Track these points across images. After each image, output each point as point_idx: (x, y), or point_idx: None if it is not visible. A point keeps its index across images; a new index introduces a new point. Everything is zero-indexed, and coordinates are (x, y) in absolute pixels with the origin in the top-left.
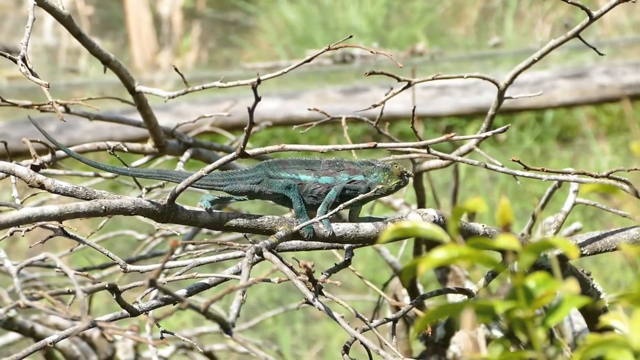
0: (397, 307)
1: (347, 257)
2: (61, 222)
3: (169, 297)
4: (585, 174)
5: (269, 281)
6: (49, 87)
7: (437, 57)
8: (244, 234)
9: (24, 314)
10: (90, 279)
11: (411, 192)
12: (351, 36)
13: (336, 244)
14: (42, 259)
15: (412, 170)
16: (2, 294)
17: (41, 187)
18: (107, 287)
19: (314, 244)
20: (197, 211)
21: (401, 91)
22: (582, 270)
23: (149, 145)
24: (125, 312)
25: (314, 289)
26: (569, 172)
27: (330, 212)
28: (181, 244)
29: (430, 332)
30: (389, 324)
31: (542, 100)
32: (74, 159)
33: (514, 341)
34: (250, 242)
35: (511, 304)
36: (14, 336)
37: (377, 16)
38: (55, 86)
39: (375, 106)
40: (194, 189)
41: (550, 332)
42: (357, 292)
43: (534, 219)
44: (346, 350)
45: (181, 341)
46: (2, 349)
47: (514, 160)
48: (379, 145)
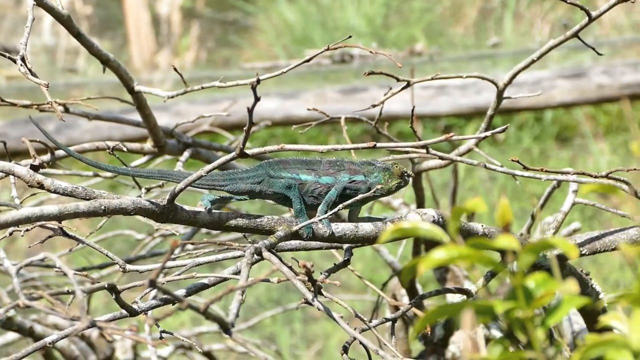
0: (396, 307)
1: (346, 257)
2: (60, 222)
3: (168, 297)
4: (584, 174)
5: (269, 281)
6: (48, 87)
7: (435, 57)
8: (243, 233)
9: (22, 314)
10: (89, 278)
11: (410, 192)
12: (350, 36)
13: (335, 244)
14: (42, 259)
15: (411, 170)
16: (1, 294)
17: (40, 187)
18: (106, 287)
19: (313, 244)
20: (196, 211)
21: (400, 91)
22: (581, 270)
23: (148, 145)
24: (124, 312)
25: (313, 289)
26: (568, 172)
27: (329, 212)
28: (180, 244)
29: (429, 332)
30: (388, 323)
31: (540, 100)
32: (74, 159)
33: (513, 341)
34: (249, 242)
35: (511, 304)
36: (13, 336)
37: (375, 16)
38: (53, 86)
39: (374, 106)
40: (193, 189)
41: (549, 332)
42: (356, 291)
43: (533, 218)
44: (345, 350)
45: (180, 341)
46: (1, 348)
47: (513, 160)
48: (379, 145)
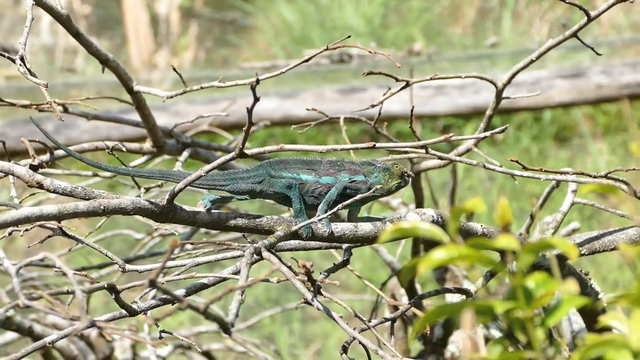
0: (395, 307)
1: (345, 257)
2: (60, 222)
3: (167, 297)
4: (583, 174)
5: (268, 281)
6: (47, 87)
7: (434, 56)
8: (243, 233)
9: (21, 314)
10: (88, 278)
11: (409, 191)
12: (349, 36)
13: (334, 244)
14: (41, 259)
15: (411, 170)
16: (1, 294)
17: (40, 186)
18: (106, 287)
19: (313, 243)
20: (196, 211)
21: (399, 91)
22: (580, 270)
23: (147, 145)
24: (124, 312)
25: (312, 289)
26: (567, 172)
27: (329, 212)
28: (180, 244)
29: (428, 332)
30: (387, 323)
31: (539, 99)
32: (75, 159)
33: (513, 341)
34: (248, 242)
35: (511, 304)
36: (12, 335)
37: (374, 16)
38: (52, 85)
39: (373, 106)
40: (193, 189)
41: (549, 332)
42: (355, 291)
43: (532, 218)
44: (345, 349)
45: (179, 340)
46: (0, 348)
47: (512, 160)
48: (378, 145)
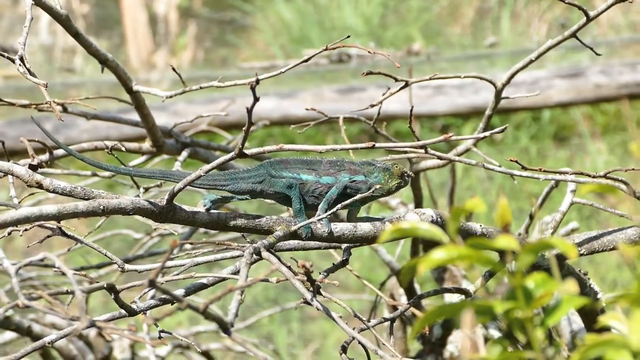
0: (394, 307)
1: (344, 257)
2: (59, 222)
3: (167, 297)
4: (582, 174)
5: (268, 281)
6: (46, 86)
7: (433, 56)
8: (242, 233)
9: (20, 313)
10: (87, 278)
11: (408, 191)
12: (348, 36)
13: (334, 244)
14: (41, 259)
15: (410, 170)
16: (0, 294)
17: (39, 186)
18: (105, 286)
19: (312, 243)
20: (195, 211)
21: (398, 91)
22: (579, 269)
23: (147, 144)
24: (123, 311)
25: (312, 289)
26: (567, 172)
27: (328, 212)
28: (179, 244)
29: (427, 332)
30: (386, 323)
31: (538, 99)
32: (76, 158)
33: (512, 341)
34: (248, 242)
35: (510, 304)
36: (11, 335)
37: (373, 15)
38: (51, 85)
39: (372, 106)
40: (193, 189)
41: (548, 332)
42: (354, 291)
43: (531, 218)
44: (344, 349)
45: (178, 340)
46: None
47: (511, 160)
48: (377, 145)
